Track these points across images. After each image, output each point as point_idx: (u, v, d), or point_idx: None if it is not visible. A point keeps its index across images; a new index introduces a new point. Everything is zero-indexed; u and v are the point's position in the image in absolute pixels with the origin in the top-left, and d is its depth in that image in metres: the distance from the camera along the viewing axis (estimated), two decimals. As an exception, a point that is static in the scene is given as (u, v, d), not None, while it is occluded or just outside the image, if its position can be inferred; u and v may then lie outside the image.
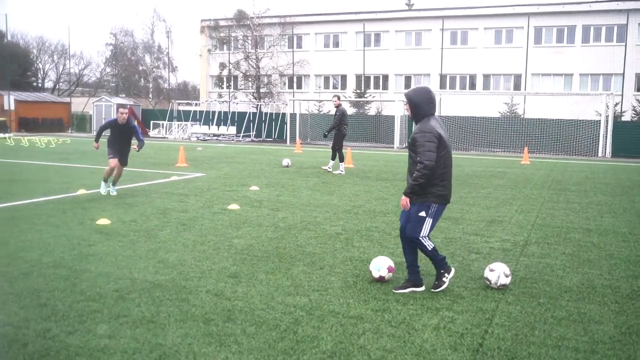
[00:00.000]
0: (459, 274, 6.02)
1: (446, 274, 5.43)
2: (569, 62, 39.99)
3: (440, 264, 5.41)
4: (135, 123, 11.39)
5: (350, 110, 40.56)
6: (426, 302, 5.13)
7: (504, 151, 29.52)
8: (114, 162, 11.17)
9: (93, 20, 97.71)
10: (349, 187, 12.89)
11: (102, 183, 11.31)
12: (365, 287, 5.56)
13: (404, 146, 31.36)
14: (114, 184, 11.43)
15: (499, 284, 5.50)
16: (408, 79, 44.35)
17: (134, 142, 11.33)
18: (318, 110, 40.57)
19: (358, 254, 6.86)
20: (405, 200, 5.31)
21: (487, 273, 5.60)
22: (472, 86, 42.56)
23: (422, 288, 5.42)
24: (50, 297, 5.10)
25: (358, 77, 45.21)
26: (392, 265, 5.74)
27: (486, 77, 42.30)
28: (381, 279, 5.66)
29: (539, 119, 31.05)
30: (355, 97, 41.35)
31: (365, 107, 41.42)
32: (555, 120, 30.15)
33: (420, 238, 5.31)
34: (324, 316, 4.76)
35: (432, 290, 5.38)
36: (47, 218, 8.75)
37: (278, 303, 5.03)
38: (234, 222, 8.63)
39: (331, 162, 16.53)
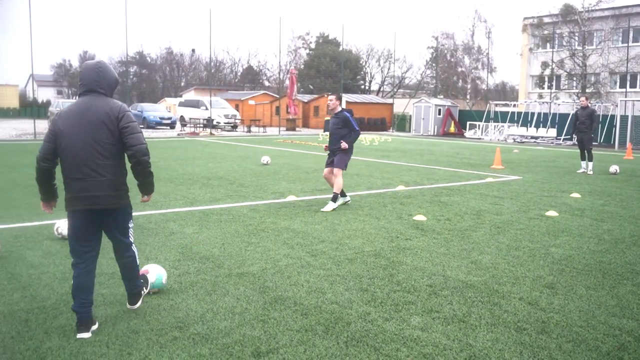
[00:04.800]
0: None
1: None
2: None
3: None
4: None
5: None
6: None
7: None
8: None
9: (417, 26, 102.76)
10: (692, 201, 11.09)
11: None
12: None
13: None
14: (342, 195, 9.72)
15: None
16: None
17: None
18: (655, 111, 35.82)
19: (703, 279, 5.85)
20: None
21: None
22: None
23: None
24: (371, 284, 5.51)
25: None
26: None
27: None
28: None
29: None
30: None
31: None
32: None
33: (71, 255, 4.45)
34: (657, 346, 4.18)
35: None
36: (369, 210, 9.48)
37: (600, 322, 4.59)
38: (551, 230, 8.16)
39: (590, 164, 15.97)
